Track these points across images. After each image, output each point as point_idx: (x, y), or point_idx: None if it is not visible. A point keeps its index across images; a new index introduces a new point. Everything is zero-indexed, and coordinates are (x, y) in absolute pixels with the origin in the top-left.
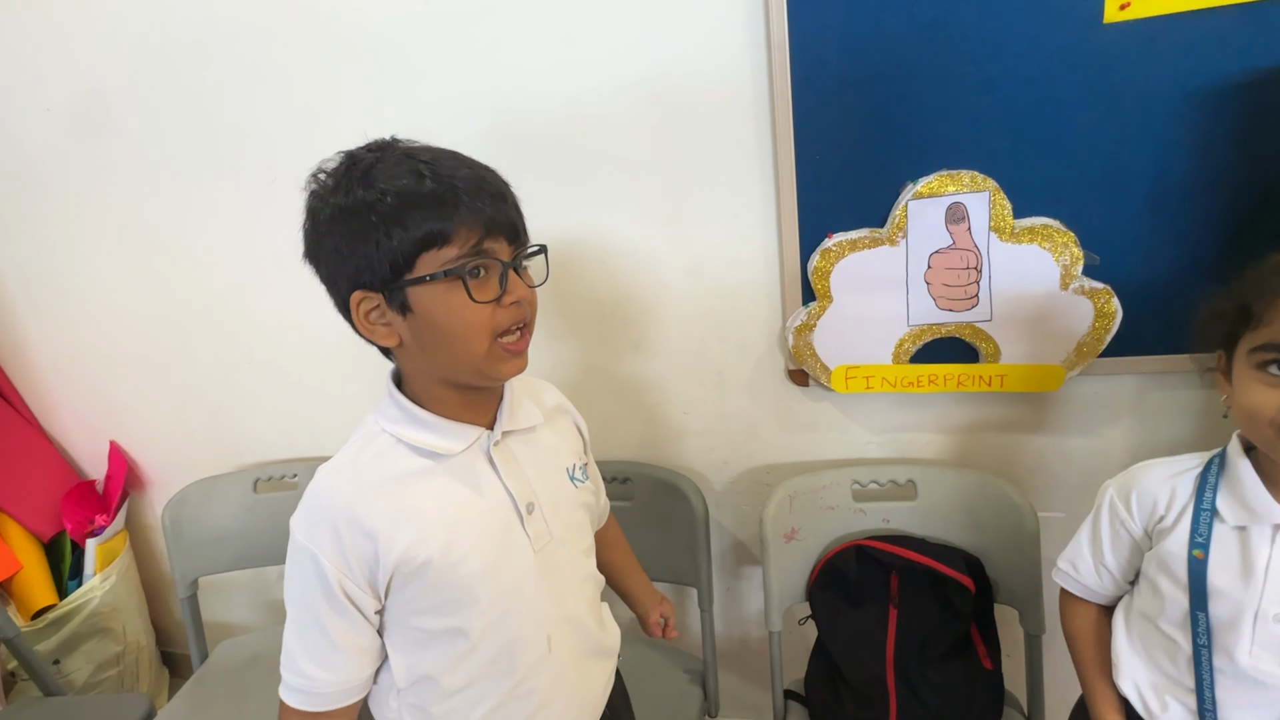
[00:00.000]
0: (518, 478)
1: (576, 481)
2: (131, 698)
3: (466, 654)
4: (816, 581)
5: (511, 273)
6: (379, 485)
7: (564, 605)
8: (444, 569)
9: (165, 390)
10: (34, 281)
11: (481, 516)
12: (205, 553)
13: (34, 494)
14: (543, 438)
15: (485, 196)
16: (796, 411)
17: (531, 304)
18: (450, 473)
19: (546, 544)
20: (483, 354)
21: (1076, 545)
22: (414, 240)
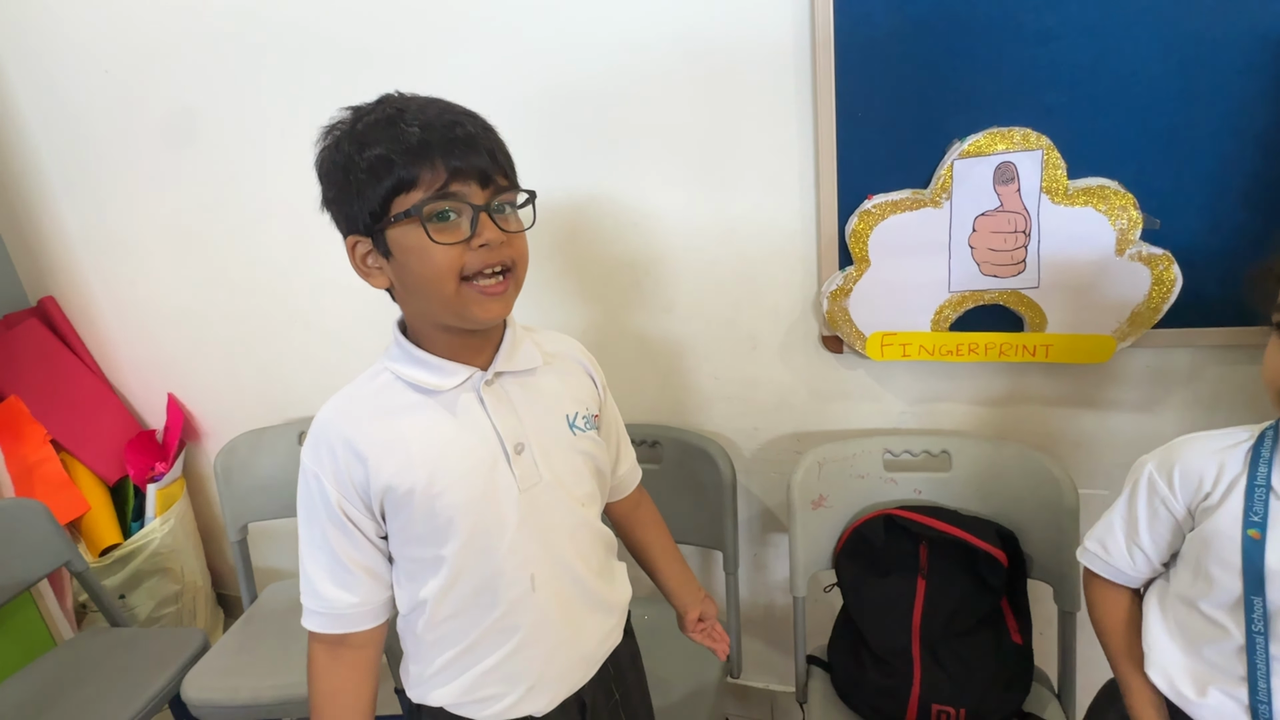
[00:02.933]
0: (508, 417)
1: (576, 429)
2: (188, 632)
3: (451, 584)
4: (843, 549)
5: (484, 216)
6: (373, 415)
7: (551, 548)
8: (426, 499)
9: (218, 346)
10: (97, 241)
11: (466, 452)
12: (254, 500)
13: (100, 441)
14: (543, 381)
15: (455, 143)
16: (829, 378)
17: (514, 247)
18: (441, 408)
19: (534, 485)
20: (452, 295)
21: (1107, 524)
22: (386, 186)
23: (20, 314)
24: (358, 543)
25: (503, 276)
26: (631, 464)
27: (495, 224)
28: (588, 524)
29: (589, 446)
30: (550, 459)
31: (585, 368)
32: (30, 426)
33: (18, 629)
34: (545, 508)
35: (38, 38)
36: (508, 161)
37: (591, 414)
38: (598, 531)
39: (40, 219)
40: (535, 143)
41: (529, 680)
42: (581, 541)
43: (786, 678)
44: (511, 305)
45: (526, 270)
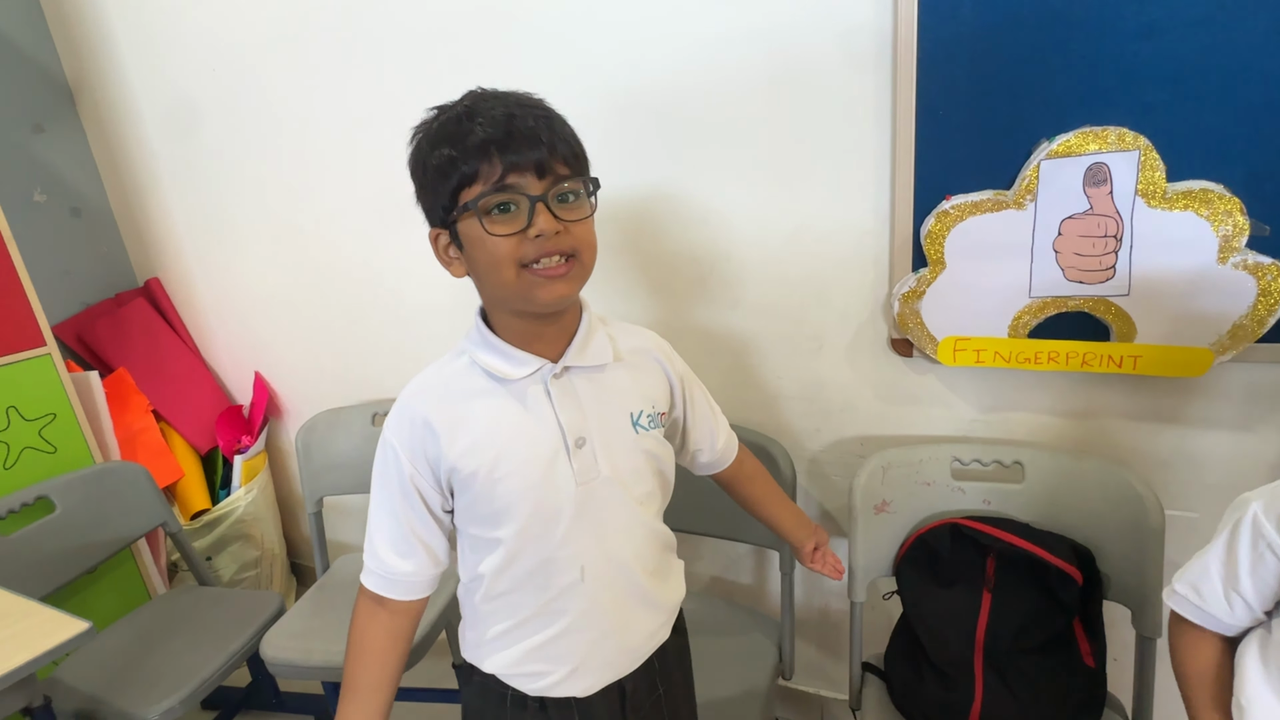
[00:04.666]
0: (573, 411)
1: (640, 428)
2: (266, 595)
3: (507, 564)
4: (905, 556)
5: (540, 206)
6: (449, 396)
7: (604, 542)
8: (489, 483)
9: (302, 329)
10: (199, 227)
11: (530, 441)
12: (330, 475)
13: (195, 413)
14: (612, 378)
15: (512, 137)
16: (897, 382)
17: (573, 235)
18: (511, 396)
19: (592, 480)
20: (513, 281)
21: (1202, 567)
22: (453, 183)
23: (130, 293)
24: (422, 517)
25: (565, 260)
26: (728, 436)
27: (552, 213)
28: (644, 523)
29: (652, 446)
30: (612, 455)
31: (660, 364)
32: (135, 397)
33: (118, 582)
34: (602, 503)
35: (156, 38)
36: (570, 151)
37: (658, 412)
38: (654, 531)
39: (150, 206)
40: (607, 136)
41: (573, 663)
42: (636, 539)
43: (838, 684)
44: (577, 287)
45: (594, 256)
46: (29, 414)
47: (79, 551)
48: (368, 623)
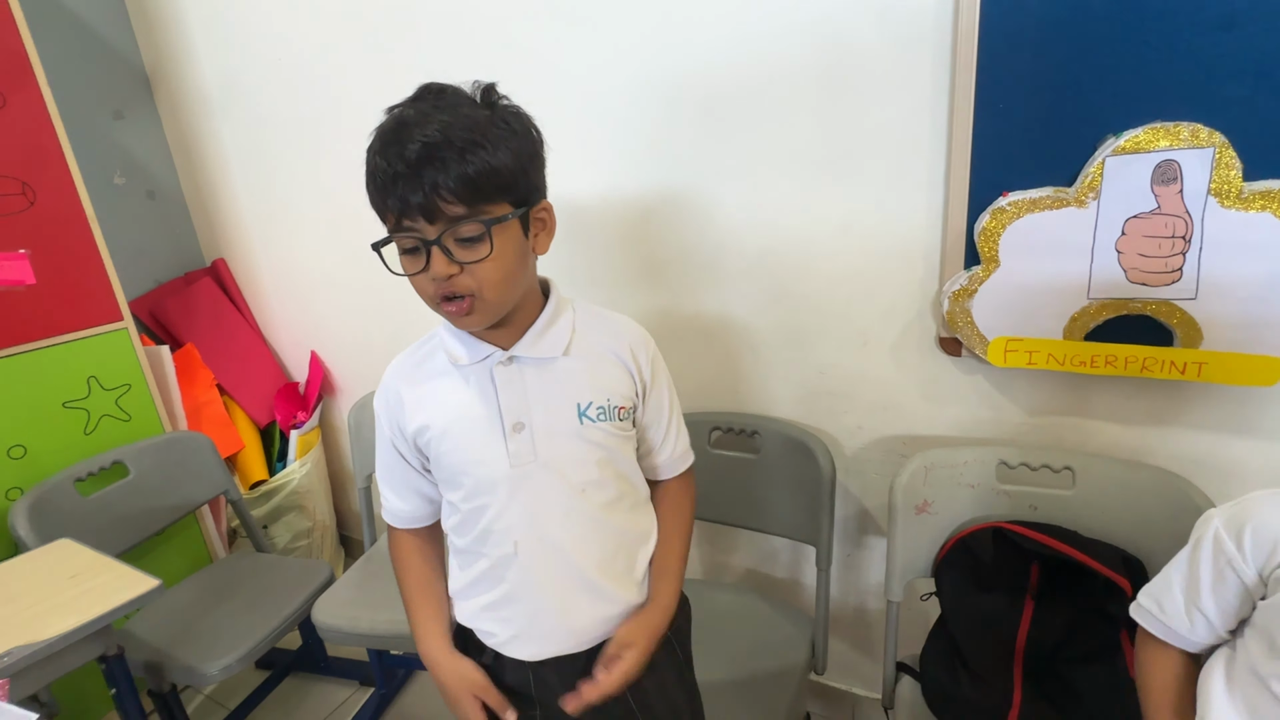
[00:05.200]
0: (515, 397)
1: (586, 418)
2: (317, 564)
3: (460, 525)
4: (945, 558)
5: (436, 250)
6: (417, 374)
7: (538, 525)
8: (440, 454)
9: (355, 311)
10: (263, 210)
11: (473, 421)
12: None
13: (255, 388)
14: (563, 369)
15: (404, 177)
16: (943, 382)
17: (473, 276)
18: (462, 378)
19: (527, 463)
20: (436, 309)
21: (1165, 580)
22: (377, 210)
23: (197, 273)
24: (405, 470)
25: (467, 299)
26: (673, 454)
27: (447, 256)
28: (586, 512)
29: (599, 437)
30: (551, 442)
31: (623, 360)
32: (201, 371)
33: (183, 545)
34: (536, 488)
35: (226, 28)
36: (467, 187)
37: (615, 406)
38: (601, 522)
39: (218, 190)
40: (653, 128)
41: (515, 628)
42: (576, 526)
43: (870, 683)
44: (489, 319)
45: (501, 291)
46: (107, 384)
47: (149, 515)
48: (397, 546)
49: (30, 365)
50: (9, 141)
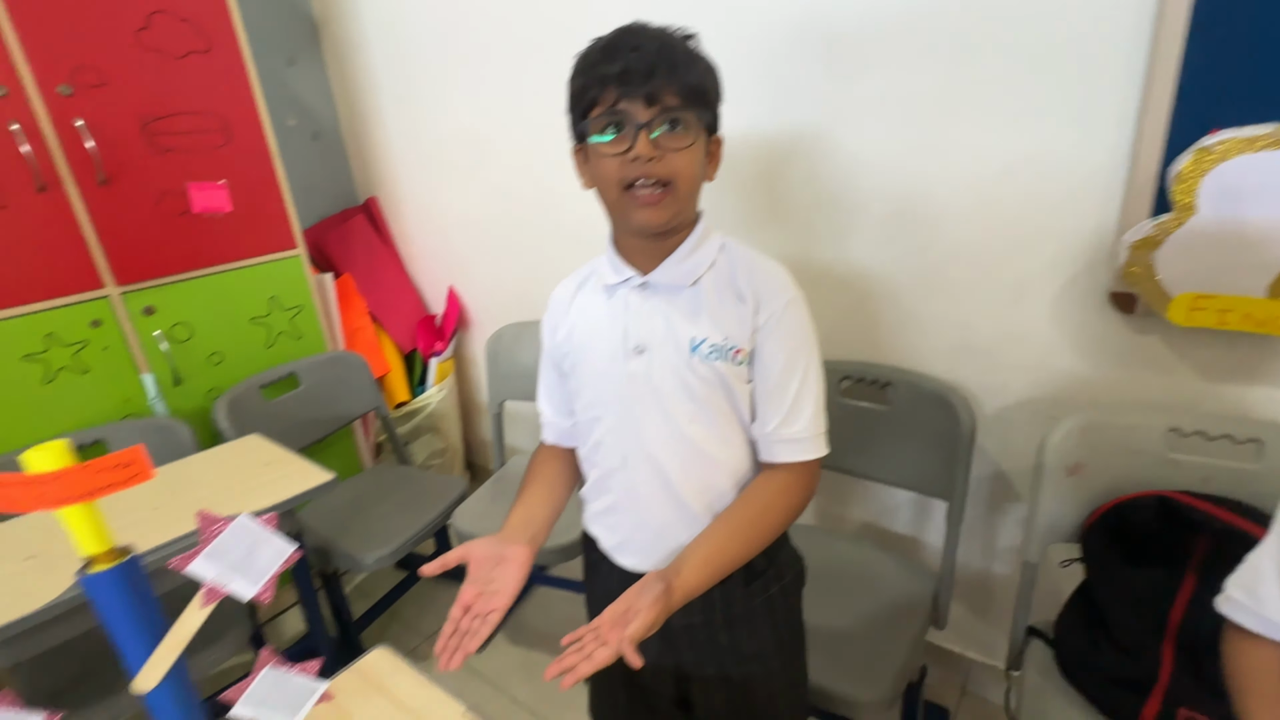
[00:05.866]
0: (640, 322)
1: (697, 353)
2: (454, 479)
3: (583, 435)
4: (1096, 525)
5: (643, 132)
6: (573, 295)
7: (643, 445)
8: (572, 364)
9: (492, 249)
10: (413, 151)
11: (603, 339)
12: (511, 382)
13: (400, 318)
14: (689, 300)
15: (630, 67)
16: (1109, 341)
17: (667, 163)
18: (607, 297)
19: (641, 385)
20: (615, 201)
21: (1254, 569)
22: (582, 106)
23: (353, 210)
24: (554, 381)
25: (661, 188)
26: (776, 433)
27: (650, 140)
28: (688, 442)
29: (707, 373)
30: (663, 369)
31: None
32: (355, 299)
33: (338, 454)
34: (645, 408)
35: None
36: (686, 86)
37: (730, 347)
38: (702, 455)
39: (374, 132)
40: (793, 66)
41: (618, 538)
42: (677, 455)
43: (984, 648)
44: (669, 215)
45: (691, 186)
46: (284, 304)
47: (314, 423)
48: (536, 455)
49: (226, 284)
50: (212, 84)
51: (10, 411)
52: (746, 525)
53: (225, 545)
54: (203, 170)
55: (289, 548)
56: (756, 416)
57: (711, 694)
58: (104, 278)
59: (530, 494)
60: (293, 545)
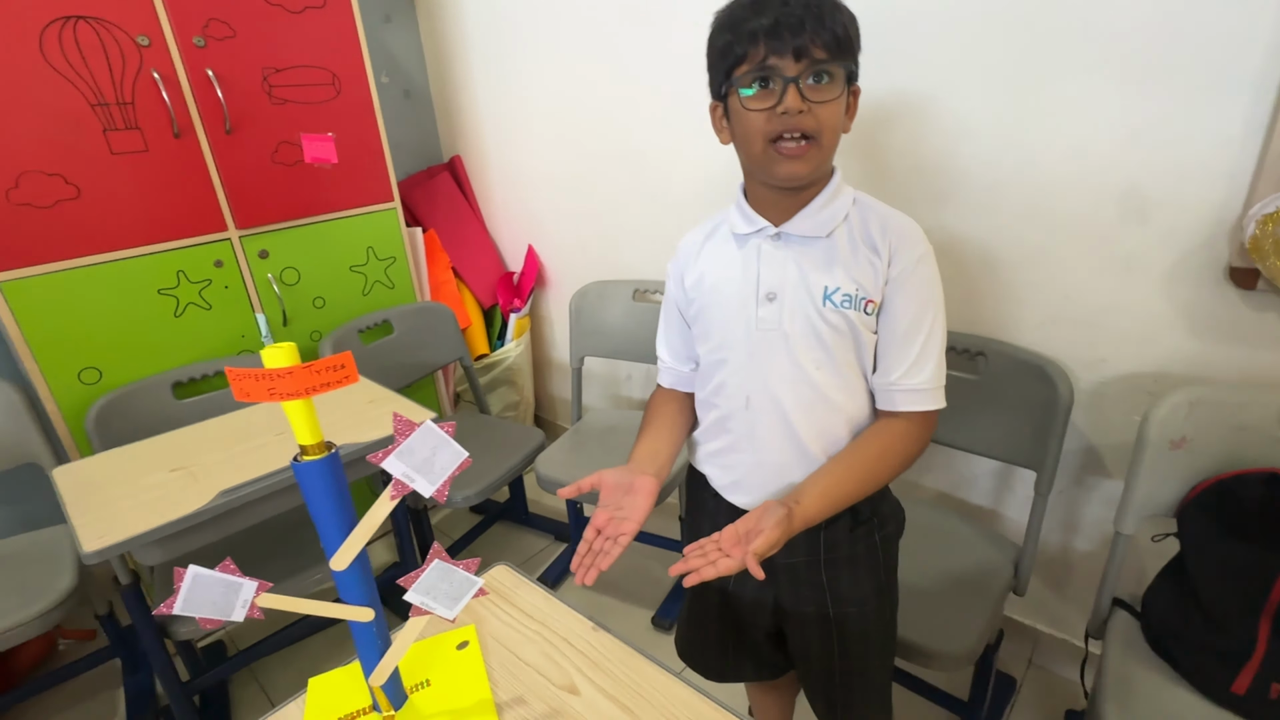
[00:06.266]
0: (773, 270)
1: (830, 302)
2: (532, 429)
3: (703, 377)
4: (1196, 499)
5: (792, 87)
6: (702, 243)
7: (768, 389)
8: (701, 306)
9: (572, 209)
10: (499, 111)
11: (735, 284)
12: (591, 339)
13: (481, 274)
14: (822, 250)
15: (779, 23)
16: (1224, 317)
17: (816, 116)
18: (735, 247)
19: (770, 330)
20: (759, 154)
21: None
22: (728, 62)
23: (437, 167)
24: (678, 327)
25: (805, 141)
26: (898, 382)
27: (800, 94)
28: (812, 386)
29: (838, 322)
30: (794, 316)
31: (880, 256)
32: (440, 254)
33: (422, 400)
34: (773, 353)
35: None
36: (832, 38)
37: (863, 298)
38: (825, 400)
39: (462, 91)
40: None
41: (734, 476)
42: (800, 398)
43: (1057, 622)
44: (812, 168)
45: (835, 138)
46: (380, 255)
47: (405, 368)
48: (654, 399)
49: (329, 232)
50: (325, 39)
51: (148, 341)
52: (863, 465)
53: (413, 446)
54: (313, 123)
55: (463, 454)
56: (879, 366)
57: (806, 631)
58: (227, 221)
59: (654, 431)
60: (465, 453)
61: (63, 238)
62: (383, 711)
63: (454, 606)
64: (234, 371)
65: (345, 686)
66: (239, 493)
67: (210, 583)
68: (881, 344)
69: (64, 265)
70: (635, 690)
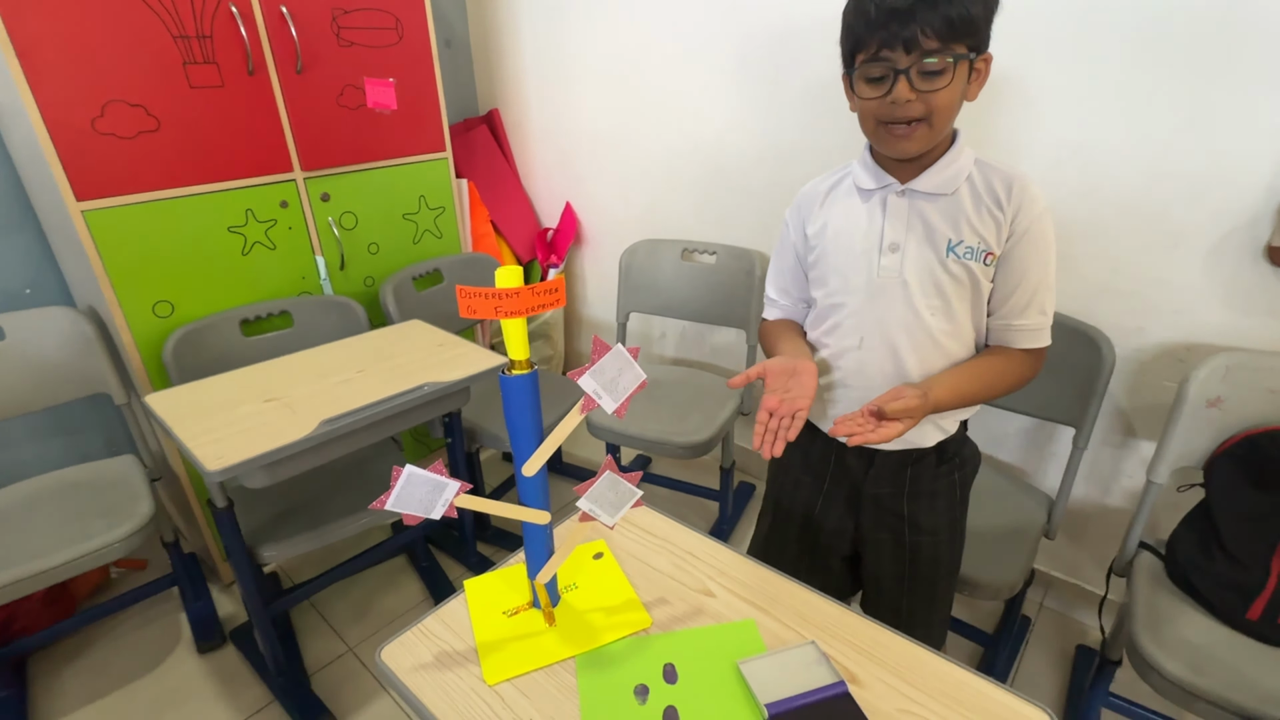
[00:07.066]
0: (898, 223)
1: (953, 254)
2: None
3: (816, 318)
4: (1226, 452)
5: (902, 78)
6: (825, 193)
7: (885, 327)
8: (824, 252)
9: (617, 168)
10: (543, 65)
11: (859, 233)
12: (639, 295)
13: (518, 229)
14: (947, 206)
15: (894, 15)
16: (1258, 293)
17: (925, 102)
18: (860, 201)
19: (890, 279)
20: (871, 131)
21: None
22: (849, 46)
23: (475, 120)
24: (792, 268)
25: (914, 124)
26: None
27: (910, 84)
28: (927, 328)
29: (959, 272)
30: (915, 266)
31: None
32: (479, 207)
33: None
34: (892, 299)
35: None
36: (945, 25)
37: (983, 251)
38: (937, 344)
39: (504, 43)
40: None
41: (835, 410)
42: (913, 340)
43: (1071, 569)
44: (923, 145)
45: (947, 117)
46: (431, 204)
47: (449, 317)
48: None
49: (385, 179)
50: None
51: (217, 277)
52: (989, 373)
53: (605, 366)
54: (376, 67)
55: (642, 376)
56: (997, 310)
57: (882, 556)
58: (293, 162)
59: (790, 340)
60: (644, 375)
61: (142, 170)
62: (544, 608)
63: (615, 514)
64: (464, 290)
65: (497, 587)
66: (340, 422)
67: (420, 481)
68: (999, 290)
69: (143, 198)
70: (764, 593)
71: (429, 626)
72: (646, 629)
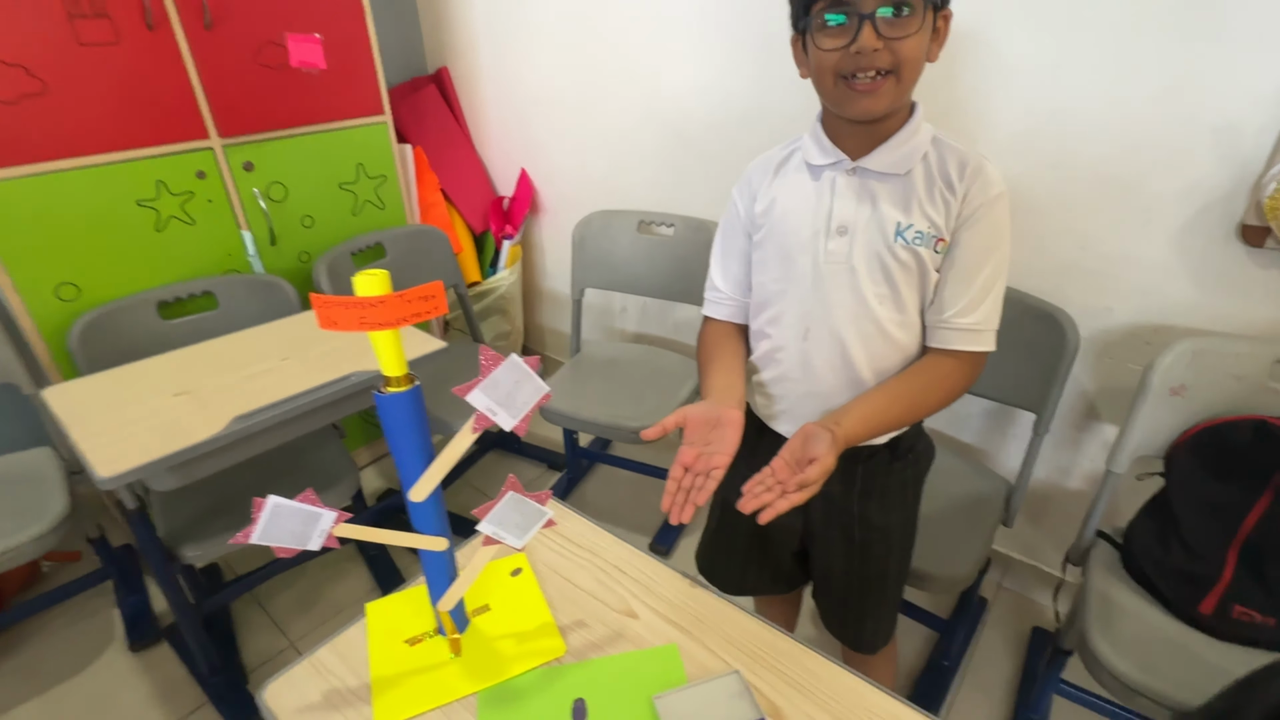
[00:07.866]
0: (847, 204)
1: (902, 238)
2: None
3: (759, 307)
4: (1188, 442)
5: (867, 24)
6: (772, 167)
7: (830, 319)
8: (769, 234)
9: (576, 134)
10: (496, 24)
11: (806, 214)
12: (594, 270)
13: (470, 198)
14: (898, 187)
15: None
16: (1229, 273)
17: (893, 52)
18: (808, 177)
19: (837, 264)
20: (831, 90)
21: None
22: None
23: (423, 79)
24: (738, 254)
25: (880, 76)
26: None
27: (876, 30)
28: (873, 320)
29: (908, 258)
30: (864, 251)
31: (955, 194)
32: (427, 174)
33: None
34: (838, 286)
35: None
36: None
37: (934, 236)
38: (885, 334)
39: None
40: None
41: (782, 406)
42: (860, 331)
43: (1030, 551)
44: (887, 103)
45: (915, 71)
46: (370, 172)
47: None
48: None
49: (317, 145)
50: None
51: (129, 256)
52: (907, 397)
53: (498, 379)
54: (300, 23)
55: (544, 389)
56: (935, 302)
57: (832, 552)
58: (208, 128)
59: (723, 365)
60: (546, 387)
61: (30, 138)
62: (449, 635)
63: (523, 537)
64: (320, 299)
65: (401, 611)
66: (254, 419)
67: (288, 513)
68: (943, 280)
69: (32, 170)
70: (691, 614)
71: (322, 659)
72: (559, 658)
